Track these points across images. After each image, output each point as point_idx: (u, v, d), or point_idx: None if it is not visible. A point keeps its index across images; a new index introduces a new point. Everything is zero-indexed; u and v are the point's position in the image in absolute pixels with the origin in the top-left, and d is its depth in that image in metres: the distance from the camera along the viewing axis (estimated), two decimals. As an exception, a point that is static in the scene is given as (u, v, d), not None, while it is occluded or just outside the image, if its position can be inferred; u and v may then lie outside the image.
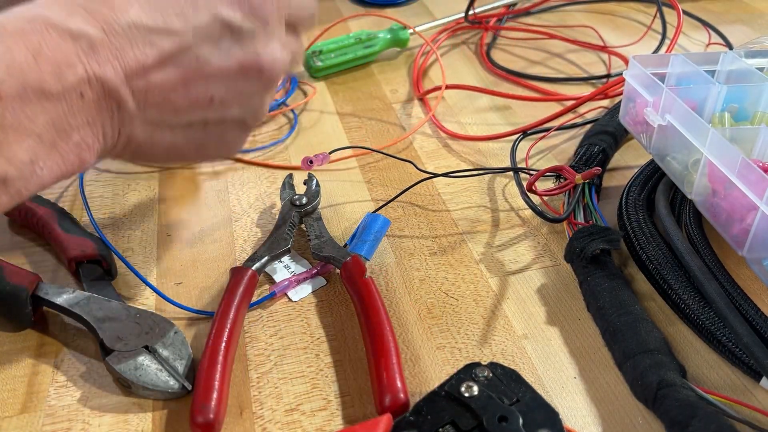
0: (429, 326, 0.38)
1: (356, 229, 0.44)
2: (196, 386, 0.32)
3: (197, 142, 0.33)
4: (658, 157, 0.44)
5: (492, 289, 0.40)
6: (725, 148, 0.36)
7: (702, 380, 0.34)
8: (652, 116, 0.43)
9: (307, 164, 0.47)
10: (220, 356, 0.33)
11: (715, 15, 0.75)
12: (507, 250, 0.44)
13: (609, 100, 0.60)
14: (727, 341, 0.35)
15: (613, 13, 0.78)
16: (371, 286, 0.37)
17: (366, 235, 0.42)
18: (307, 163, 0.47)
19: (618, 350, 0.35)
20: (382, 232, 0.43)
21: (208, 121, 0.33)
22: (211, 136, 0.34)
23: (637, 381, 0.33)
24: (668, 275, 0.38)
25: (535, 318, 0.38)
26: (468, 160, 0.53)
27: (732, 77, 0.46)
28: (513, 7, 0.77)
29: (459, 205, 0.48)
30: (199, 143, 0.34)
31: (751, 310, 0.35)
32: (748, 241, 0.36)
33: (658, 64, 0.46)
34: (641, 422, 0.32)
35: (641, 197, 0.44)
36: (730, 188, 0.36)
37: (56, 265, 0.43)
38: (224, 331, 0.35)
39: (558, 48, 0.70)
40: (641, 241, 0.41)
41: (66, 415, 0.34)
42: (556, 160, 0.52)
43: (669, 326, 0.37)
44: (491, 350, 0.36)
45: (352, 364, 0.36)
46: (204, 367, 0.33)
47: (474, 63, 0.68)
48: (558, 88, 0.63)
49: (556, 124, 0.55)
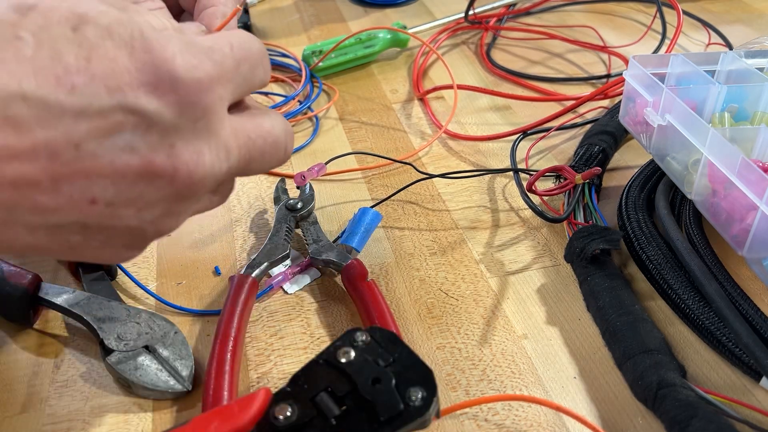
0: (429, 326, 0.38)
1: (348, 223, 0.44)
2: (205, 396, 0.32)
3: (70, 245, 0.24)
4: (658, 157, 0.44)
5: (492, 289, 0.40)
6: (725, 148, 0.36)
7: (702, 380, 0.34)
8: (652, 116, 0.43)
9: (300, 179, 0.45)
10: (227, 366, 0.33)
11: (715, 15, 0.75)
12: (507, 250, 0.44)
13: (609, 100, 0.60)
14: (727, 341, 0.35)
15: (613, 13, 0.78)
16: (374, 289, 0.37)
17: (356, 227, 0.42)
18: (300, 178, 0.45)
19: (618, 350, 0.35)
20: (373, 225, 0.43)
21: (87, 225, 0.24)
22: (91, 241, 0.25)
23: (637, 381, 0.33)
24: (668, 275, 0.38)
25: (535, 318, 0.38)
26: (468, 160, 0.53)
27: (732, 77, 0.46)
28: (513, 7, 0.77)
29: (459, 205, 0.48)
30: (73, 246, 0.25)
31: (751, 310, 0.35)
32: (748, 241, 0.35)
33: (658, 64, 0.46)
34: (641, 422, 0.32)
35: (641, 197, 0.44)
36: (730, 188, 0.36)
37: (56, 265, 0.43)
38: (227, 345, 0.35)
39: (558, 48, 0.70)
40: (641, 241, 0.41)
41: (66, 415, 0.34)
42: (556, 160, 0.52)
43: (669, 326, 0.37)
44: (491, 350, 0.36)
45: (352, 364, 0.36)
46: (210, 378, 0.33)
47: (474, 63, 0.68)
48: (558, 88, 0.63)
49: (556, 124, 0.55)
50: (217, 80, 0.24)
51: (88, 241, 0.25)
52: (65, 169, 0.22)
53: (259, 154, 0.27)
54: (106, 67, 0.22)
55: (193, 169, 0.24)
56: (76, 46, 0.21)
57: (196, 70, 0.23)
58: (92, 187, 0.22)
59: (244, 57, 0.26)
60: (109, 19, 0.22)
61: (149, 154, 0.23)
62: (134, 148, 0.23)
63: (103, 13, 0.22)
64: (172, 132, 0.23)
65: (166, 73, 0.23)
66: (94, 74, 0.21)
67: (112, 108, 0.22)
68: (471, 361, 0.36)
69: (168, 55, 0.23)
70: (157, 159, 0.23)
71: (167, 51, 0.23)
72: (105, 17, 0.22)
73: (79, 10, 0.22)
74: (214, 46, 0.25)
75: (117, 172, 0.23)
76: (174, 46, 0.23)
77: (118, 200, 0.23)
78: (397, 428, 0.26)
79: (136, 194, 0.24)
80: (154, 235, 0.26)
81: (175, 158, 0.23)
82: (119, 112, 0.22)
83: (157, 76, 0.22)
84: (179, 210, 0.26)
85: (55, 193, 0.22)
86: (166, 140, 0.23)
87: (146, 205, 0.24)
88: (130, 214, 0.24)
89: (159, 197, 0.24)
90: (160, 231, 0.26)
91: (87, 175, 0.22)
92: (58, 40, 0.21)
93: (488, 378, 0.35)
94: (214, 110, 0.24)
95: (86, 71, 0.21)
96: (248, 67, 0.27)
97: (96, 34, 0.22)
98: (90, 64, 0.21)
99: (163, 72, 0.23)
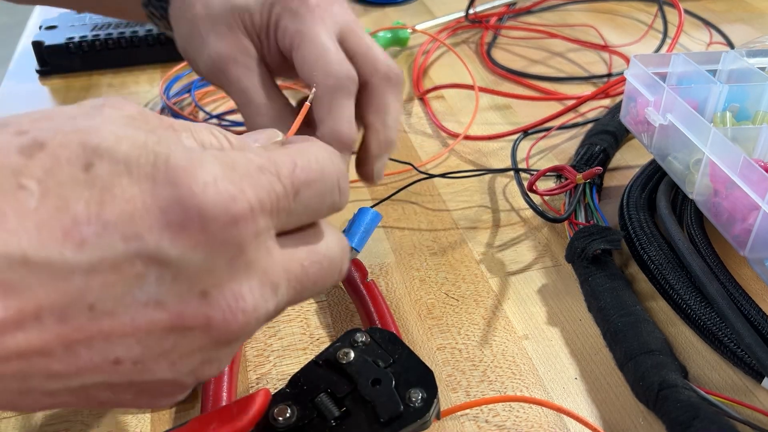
0: (429, 327, 0.38)
1: (348, 223, 0.44)
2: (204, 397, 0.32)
3: (99, 400, 0.22)
4: (660, 156, 0.44)
5: (492, 290, 0.40)
6: (727, 147, 0.36)
7: (703, 381, 0.34)
8: (653, 116, 0.43)
9: None
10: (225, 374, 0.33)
11: (717, 14, 0.75)
12: (508, 250, 0.43)
13: (610, 100, 0.60)
14: (729, 342, 0.34)
15: (614, 12, 0.77)
16: (375, 290, 0.37)
17: (356, 227, 0.42)
18: None
19: (619, 351, 0.35)
20: (373, 225, 0.43)
21: (114, 383, 0.21)
22: (122, 395, 0.22)
23: (638, 382, 0.33)
24: (669, 275, 0.38)
25: (536, 318, 0.38)
26: (468, 159, 0.53)
27: (733, 77, 0.46)
28: (513, 6, 0.77)
29: (459, 205, 0.48)
30: (103, 400, 0.22)
31: (753, 311, 0.35)
32: (749, 241, 0.35)
33: (659, 63, 0.46)
34: (642, 423, 0.32)
35: (642, 197, 0.44)
36: (732, 188, 0.36)
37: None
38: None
39: (559, 47, 0.70)
40: (642, 242, 0.41)
41: (66, 416, 0.34)
42: (556, 159, 0.52)
43: (670, 327, 0.37)
44: (492, 351, 0.36)
45: (352, 365, 0.36)
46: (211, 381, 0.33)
47: (474, 62, 0.68)
48: (559, 88, 0.63)
49: (557, 123, 0.55)
50: (260, 211, 0.21)
51: (118, 396, 0.22)
52: (79, 334, 0.19)
53: (312, 283, 0.24)
54: (122, 210, 0.19)
55: (231, 317, 0.21)
56: (88, 189, 0.19)
57: (233, 202, 0.20)
58: (114, 347, 0.20)
59: (307, 181, 0.23)
60: (126, 147, 0.19)
61: (178, 306, 0.20)
62: (159, 302, 0.20)
63: (120, 141, 0.19)
64: (204, 277, 0.20)
65: (194, 209, 0.19)
66: (107, 222, 0.18)
67: (128, 259, 0.19)
68: (471, 362, 0.36)
69: (198, 186, 0.19)
70: (187, 311, 0.20)
71: (197, 181, 0.19)
72: (122, 145, 0.19)
73: (93, 142, 0.19)
74: (265, 166, 0.21)
75: (140, 330, 0.20)
76: (207, 172, 0.20)
77: (146, 358, 0.20)
78: (398, 430, 0.26)
79: (167, 348, 0.21)
80: (194, 383, 0.23)
81: (208, 307, 0.20)
82: (138, 263, 0.19)
83: (183, 214, 0.19)
84: (220, 356, 0.23)
85: (71, 358, 0.19)
86: (196, 287, 0.20)
87: (180, 357, 0.21)
88: (163, 369, 0.21)
89: (194, 348, 0.21)
90: (199, 379, 0.23)
91: (106, 336, 0.19)
92: (67, 184, 0.18)
93: (489, 379, 0.35)
94: (256, 245, 0.21)
95: (98, 219, 0.18)
96: (312, 194, 0.23)
97: (110, 171, 0.19)
98: (103, 209, 0.19)
99: (190, 208, 0.19)
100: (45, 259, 0.18)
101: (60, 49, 0.65)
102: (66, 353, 0.19)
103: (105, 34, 0.66)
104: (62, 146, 0.19)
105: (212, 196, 0.19)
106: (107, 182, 0.19)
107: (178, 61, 0.67)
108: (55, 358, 0.19)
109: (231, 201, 0.20)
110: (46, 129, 0.19)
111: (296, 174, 0.22)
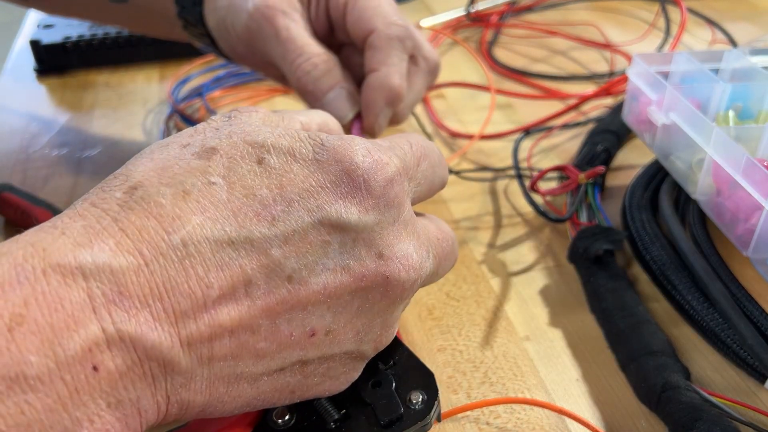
0: (429, 328, 0.38)
1: None
2: None
3: (290, 387, 0.24)
4: (662, 156, 0.44)
5: (493, 290, 0.40)
6: (730, 147, 0.36)
7: (706, 382, 0.34)
8: (656, 115, 0.42)
9: None
10: None
11: (720, 12, 0.75)
12: (509, 250, 0.43)
13: (612, 99, 0.59)
14: (732, 343, 0.34)
15: (617, 10, 0.77)
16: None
17: None
18: None
19: (621, 352, 0.35)
20: None
21: (307, 360, 0.23)
22: (311, 377, 0.24)
23: (640, 383, 0.33)
24: (672, 276, 0.38)
25: (538, 319, 0.38)
26: (469, 158, 0.53)
27: (736, 75, 0.46)
28: (515, 4, 0.77)
29: (460, 205, 0.47)
30: (293, 388, 0.24)
31: (756, 312, 0.35)
32: (752, 241, 0.35)
33: (662, 62, 0.45)
34: (644, 425, 0.32)
35: (645, 197, 0.44)
36: (735, 188, 0.36)
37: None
38: None
39: (560, 45, 0.70)
40: (645, 242, 0.40)
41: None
42: (558, 159, 0.52)
43: (673, 328, 0.37)
44: (493, 352, 0.36)
45: (353, 366, 0.36)
46: None
47: (475, 61, 0.68)
48: (560, 86, 0.62)
49: (559, 122, 0.55)
50: (404, 173, 0.24)
51: (307, 380, 0.24)
52: (281, 306, 0.21)
53: (443, 258, 0.27)
54: (300, 189, 0.22)
55: (405, 273, 0.23)
56: (266, 178, 0.22)
57: (387, 167, 0.23)
58: (310, 317, 0.22)
59: (423, 155, 0.26)
60: (287, 141, 0.23)
61: (360, 268, 0.23)
62: (345, 266, 0.22)
63: (279, 137, 0.23)
64: (377, 238, 0.23)
65: (360, 177, 0.23)
66: (291, 200, 0.22)
67: (315, 227, 0.22)
68: (472, 364, 0.35)
69: (358, 159, 0.23)
70: (368, 272, 0.23)
71: (356, 155, 0.23)
72: (283, 140, 0.23)
73: (257, 140, 0.23)
74: (393, 144, 0.25)
75: (331, 295, 0.22)
76: (361, 147, 0.23)
77: (336, 326, 0.23)
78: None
79: (353, 314, 0.23)
80: (372, 353, 0.26)
81: (385, 266, 0.23)
82: (323, 231, 0.22)
83: (351, 183, 0.22)
84: (393, 320, 0.25)
85: (274, 334, 0.22)
86: (373, 250, 0.23)
87: (363, 324, 0.24)
88: (349, 338, 0.24)
89: (375, 311, 0.24)
90: (377, 348, 0.26)
91: (303, 306, 0.22)
92: (247, 177, 0.22)
93: (490, 380, 0.34)
94: (407, 205, 0.24)
95: (282, 199, 0.21)
96: (428, 166, 0.27)
97: (280, 161, 0.22)
98: (284, 191, 0.22)
99: (357, 177, 0.22)
100: (246, 238, 0.21)
101: (57, 47, 0.65)
102: (270, 328, 0.21)
103: (102, 32, 0.66)
104: (232, 147, 0.22)
105: (370, 164, 0.23)
106: (281, 170, 0.22)
107: (176, 59, 0.66)
108: (260, 335, 0.21)
109: (385, 166, 0.23)
110: (208, 138, 0.23)
111: (415, 149, 0.26)
